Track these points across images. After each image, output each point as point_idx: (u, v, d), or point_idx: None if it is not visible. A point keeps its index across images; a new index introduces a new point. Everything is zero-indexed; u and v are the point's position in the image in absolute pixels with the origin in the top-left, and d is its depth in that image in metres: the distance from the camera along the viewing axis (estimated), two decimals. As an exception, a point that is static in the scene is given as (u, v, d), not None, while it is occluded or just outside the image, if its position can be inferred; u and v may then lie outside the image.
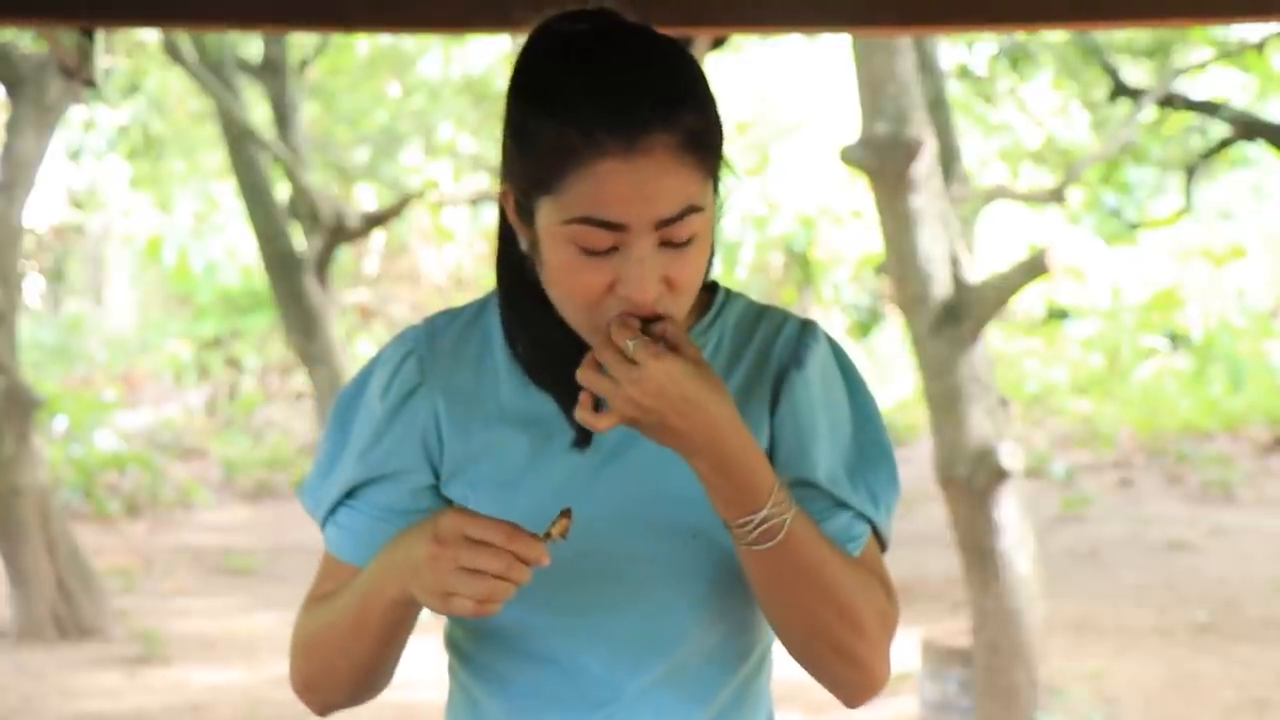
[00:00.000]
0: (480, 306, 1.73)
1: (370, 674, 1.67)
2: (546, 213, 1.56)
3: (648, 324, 1.54)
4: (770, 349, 1.69)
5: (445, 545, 1.48)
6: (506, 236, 1.65)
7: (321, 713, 1.74)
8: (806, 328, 1.70)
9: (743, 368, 1.68)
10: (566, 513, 1.52)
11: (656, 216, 1.53)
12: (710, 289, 1.72)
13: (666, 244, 1.55)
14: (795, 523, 1.56)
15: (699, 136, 1.54)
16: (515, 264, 1.65)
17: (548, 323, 1.63)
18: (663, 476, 1.62)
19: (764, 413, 1.67)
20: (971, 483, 5.66)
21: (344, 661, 1.65)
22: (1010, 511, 5.73)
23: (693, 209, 1.54)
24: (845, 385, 1.70)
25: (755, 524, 1.55)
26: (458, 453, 1.66)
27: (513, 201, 1.60)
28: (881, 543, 1.69)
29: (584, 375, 1.53)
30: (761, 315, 1.71)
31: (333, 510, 1.69)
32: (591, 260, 1.54)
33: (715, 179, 1.59)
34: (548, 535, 1.50)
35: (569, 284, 1.56)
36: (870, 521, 1.67)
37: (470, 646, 1.70)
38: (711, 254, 1.64)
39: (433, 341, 1.70)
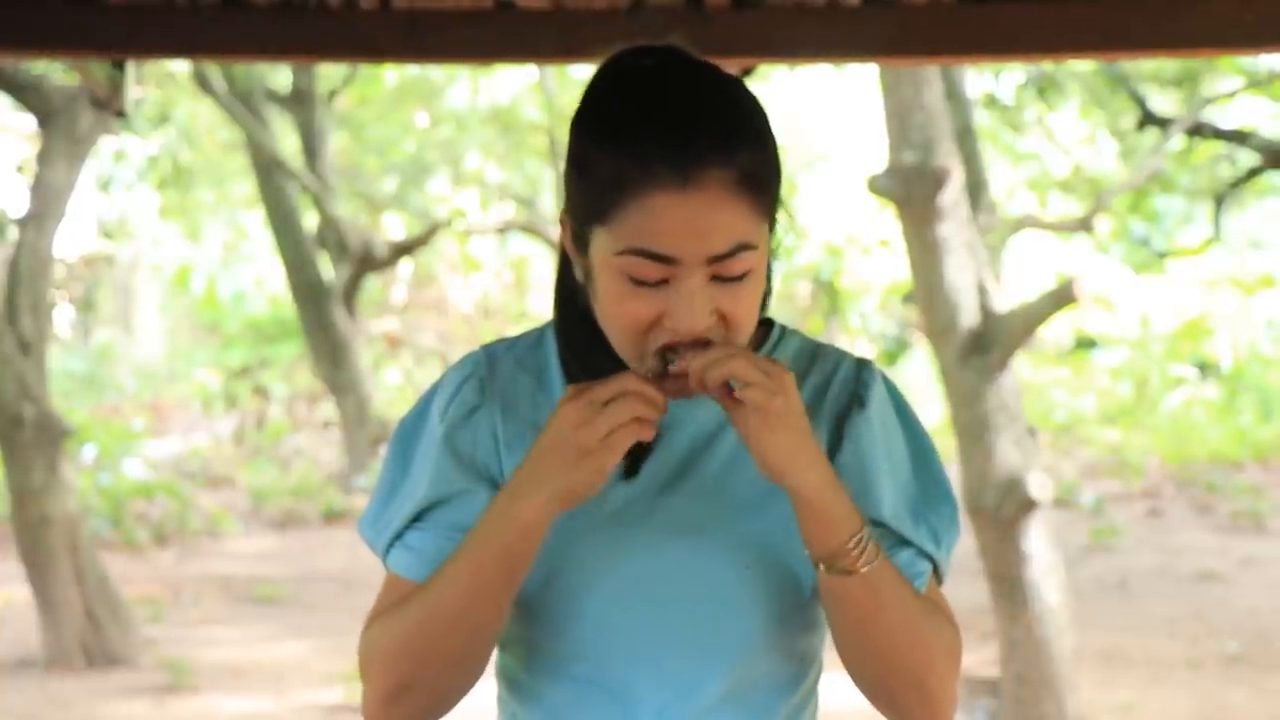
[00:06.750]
0: (539, 334, 1.74)
1: (484, 645, 1.62)
2: (600, 242, 1.57)
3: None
4: (827, 388, 1.70)
5: (586, 397, 1.53)
6: (565, 266, 1.68)
7: None
8: (864, 367, 1.71)
9: None
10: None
11: (708, 252, 1.54)
12: (766, 325, 1.73)
13: (718, 278, 1.56)
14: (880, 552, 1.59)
15: (755, 175, 1.55)
16: (571, 293, 1.67)
17: (600, 353, 1.64)
18: (716, 506, 1.64)
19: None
20: (1000, 512, 5.64)
21: (454, 639, 1.60)
22: (1038, 541, 5.71)
23: (745, 246, 1.55)
24: (902, 425, 1.71)
25: (859, 544, 1.56)
26: None
27: (570, 230, 1.62)
28: (939, 580, 1.71)
29: (726, 366, 1.53)
30: (817, 353, 1.73)
31: (398, 535, 1.68)
32: (641, 291, 1.56)
33: (771, 218, 1.60)
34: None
35: (618, 313, 1.58)
36: (931, 559, 1.68)
37: (522, 675, 1.70)
38: (768, 292, 1.65)
39: (493, 366, 1.70)
